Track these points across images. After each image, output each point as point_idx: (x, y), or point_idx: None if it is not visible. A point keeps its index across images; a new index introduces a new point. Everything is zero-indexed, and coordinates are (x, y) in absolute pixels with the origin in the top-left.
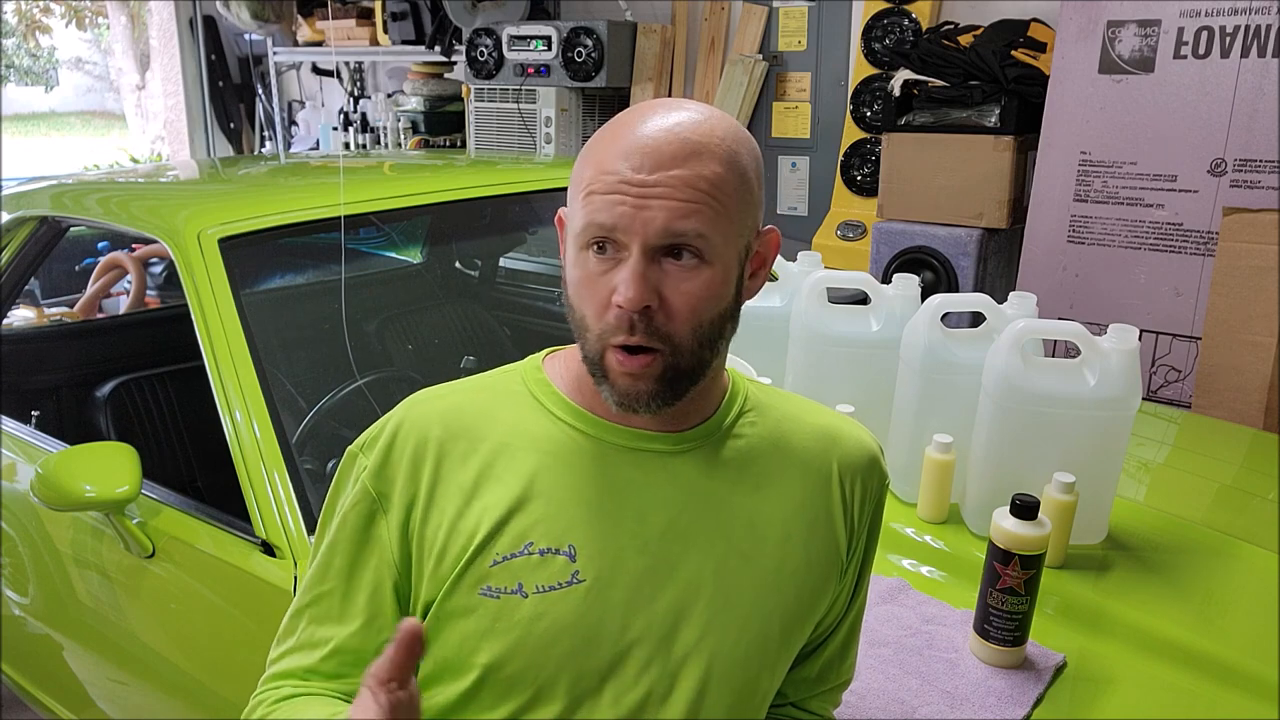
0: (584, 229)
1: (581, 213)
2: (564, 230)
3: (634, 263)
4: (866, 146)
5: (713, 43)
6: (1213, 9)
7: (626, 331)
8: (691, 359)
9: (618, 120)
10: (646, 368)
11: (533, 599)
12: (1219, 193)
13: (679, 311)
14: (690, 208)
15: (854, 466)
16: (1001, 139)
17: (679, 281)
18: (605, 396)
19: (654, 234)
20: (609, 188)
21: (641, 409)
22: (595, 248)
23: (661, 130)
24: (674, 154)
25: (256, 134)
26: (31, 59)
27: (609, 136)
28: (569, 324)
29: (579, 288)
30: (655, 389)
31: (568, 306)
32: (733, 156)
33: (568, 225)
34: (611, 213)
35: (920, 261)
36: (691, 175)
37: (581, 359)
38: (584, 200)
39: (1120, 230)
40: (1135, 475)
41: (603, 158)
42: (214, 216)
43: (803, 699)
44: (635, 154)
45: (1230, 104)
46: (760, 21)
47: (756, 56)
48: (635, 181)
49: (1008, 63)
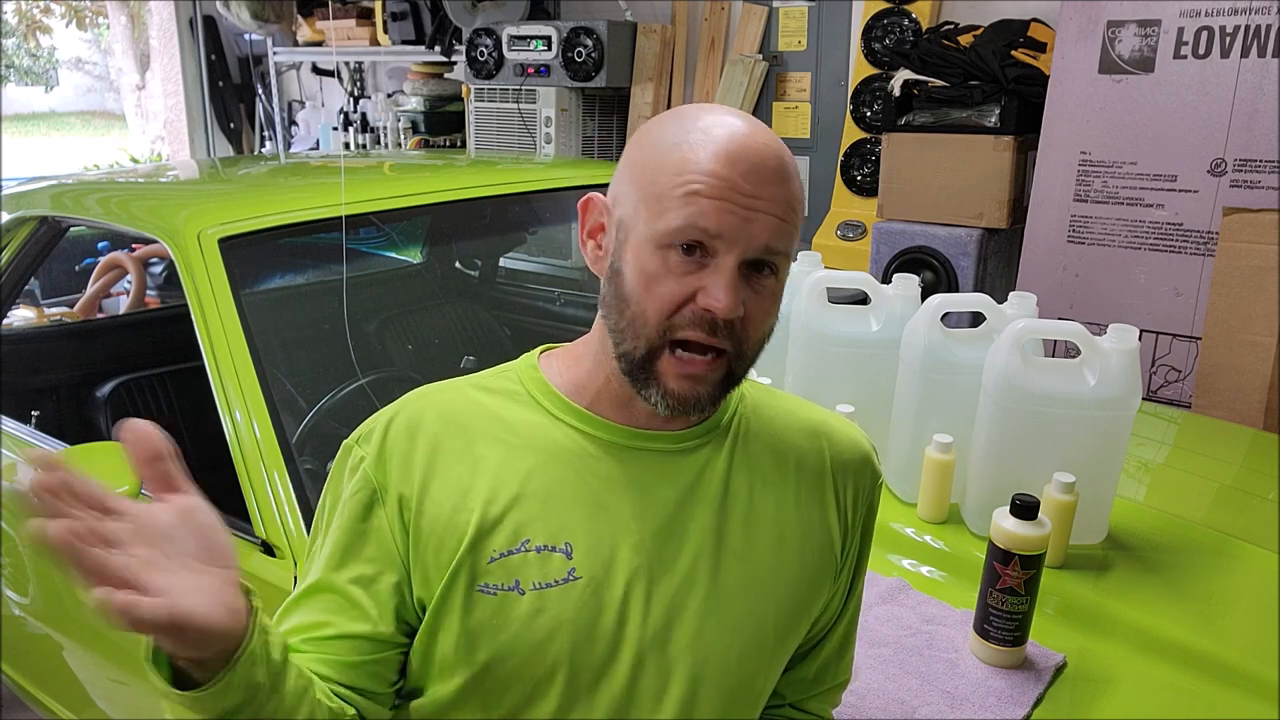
0: (680, 228)
1: (675, 210)
2: (590, 213)
3: (731, 271)
4: (866, 146)
5: (713, 43)
6: (1213, 9)
7: (705, 330)
8: (746, 367)
9: (689, 121)
10: (710, 370)
11: (530, 596)
12: (1219, 193)
13: (753, 322)
14: (786, 228)
15: (847, 465)
16: (1001, 139)
17: (757, 294)
18: (652, 400)
19: (755, 248)
20: (718, 193)
21: (693, 413)
22: (681, 248)
23: (757, 143)
24: (775, 171)
25: (256, 134)
26: (31, 59)
27: (696, 138)
28: (609, 317)
29: (650, 282)
30: (712, 393)
31: (619, 299)
32: (799, 177)
33: (629, 219)
34: (720, 219)
35: (920, 261)
36: (789, 195)
37: (617, 355)
38: (683, 198)
39: (1120, 230)
40: (1135, 475)
41: (697, 157)
42: (214, 216)
43: (801, 699)
44: (741, 163)
45: (1230, 104)
46: (760, 21)
47: (756, 56)
48: (745, 191)
49: (1008, 63)
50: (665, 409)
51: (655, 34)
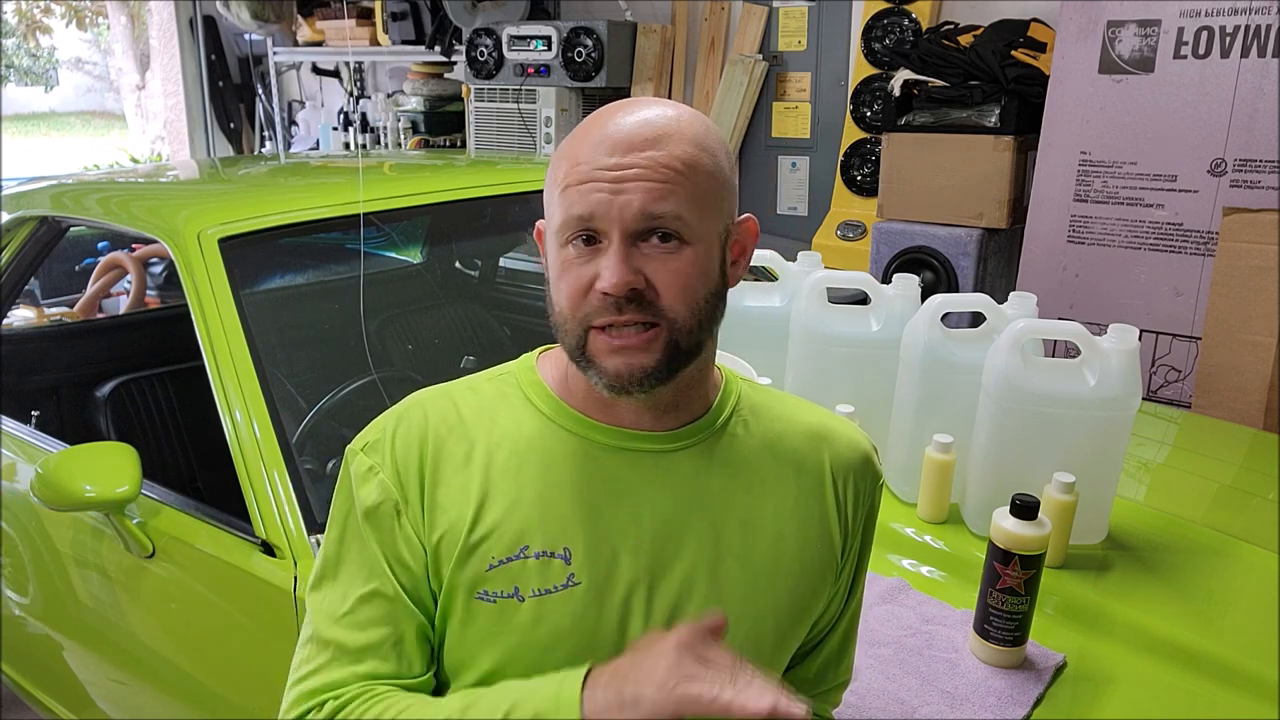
0: (562, 225)
1: (558, 210)
2: (543, 240)
3: (615, 247)
4: (866, 146)
5: (713, 43)
6: (1213, 9)
7: (614, 312)
8: (689, 336)
9: (587, 119)
10: (648, 342)
11: (530, 603)
12: (1219, 193)
13: (669, 289)
14: (666, 189)
15: (847, 466)
16: (1001, 139)
17: (663, 263)
18: (595, 383)
19: (632, 218)
20: (582, 178)
21: (635, 389)
22: (577, 241)
23: (631, 120)
24: (645, 138)
25: (256, 134)
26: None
27: (579, 135)
28: (551, 326)
29: (558, 279)
30: (657, 364)
31: (549, 306)
32: (701, 140)
33: (547, 226)
34: (587, 201)
35: (920, 261)
36: (664, 156)
37: (566, 353)
38: (560, 196)
39: (1120, 230)
40: (1135, 475)
41: (575, 152)
42: (214, 216)
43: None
44: (605, 143)
45: (1230, 104)
46: (760, 21)
47: (756, 56)
48: (608, 166)
49: (1008, 63)
50: (605, 387)
51: (655, 34)
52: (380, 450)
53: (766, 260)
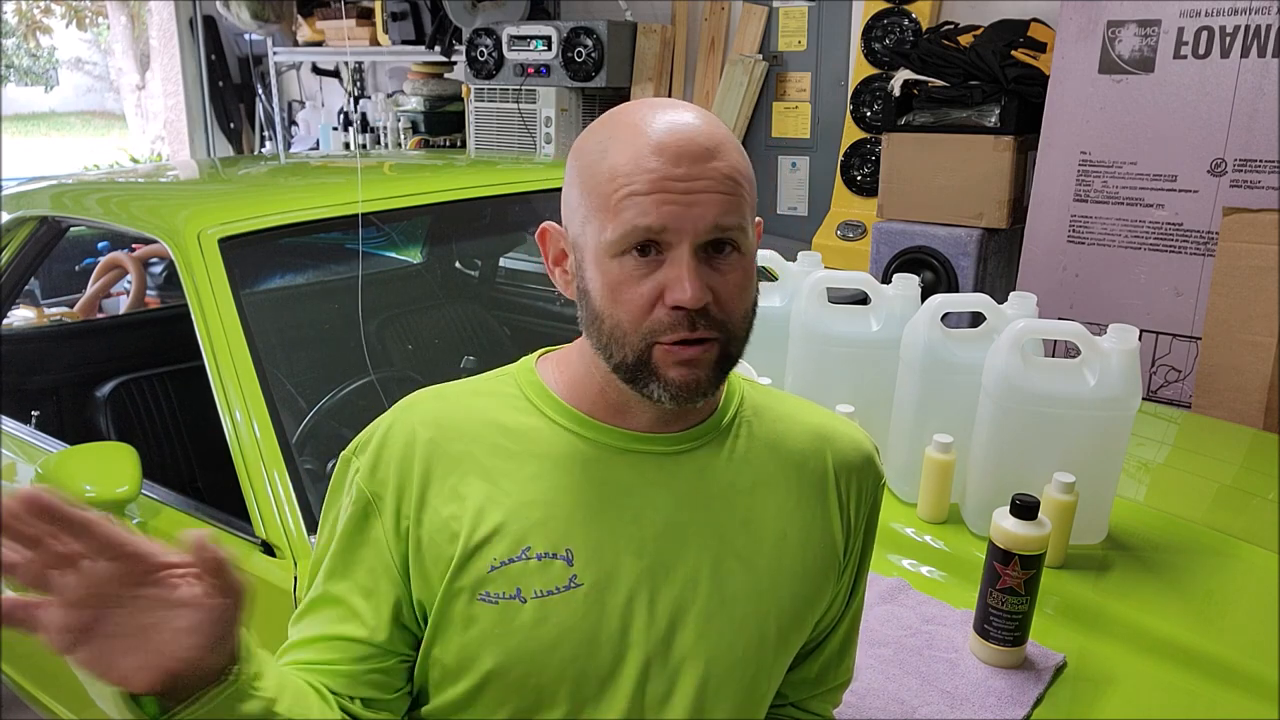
0: (625, 235)
1: (615, 219)
2: (549, 242)
3: (689, 261)
4: (866, 146)
5: (713, 43)
6: (1213, 9)
7: (687, 329)
8: (740, 347)
9: (617, 124)
10: (705, 353)
11: (532, 604)
12: (1219, 193)
13: (730, 302)
14: (732, 201)
15: (849, 466)
16: (1001, 139)
17: (725, 275)
18: (656, 396)
19: (704, 230)
20: (650, 187)
21: (698, 398)
22: (635, 251)
23: (680, 126)
24: (705, 148)
25: (256, 134)
26: (31, 59)
27: (623, 138)
28: (590, 335)
29: (614, 293)
30: (711, 376)
31: (593, 317)
32: (741, 148)
33: (580, 237)
34: (659, 213)
35: (920, 261)
36: (726, 167)
37: (610, 368)
38: (618, 205)
39: (1120, 230)
40: (1135, 475)
41: (623, 159)
42: (214, 216)
43: (802, 699)
44: (667, 151)
45: (1230, 104)
46: (760, 21)
47: (756, 56)
48: (677, 176)
49: (1008, 63)
50: (670, 400)
51: (655, 34)
52: (364, 453)
53: (766, 260)
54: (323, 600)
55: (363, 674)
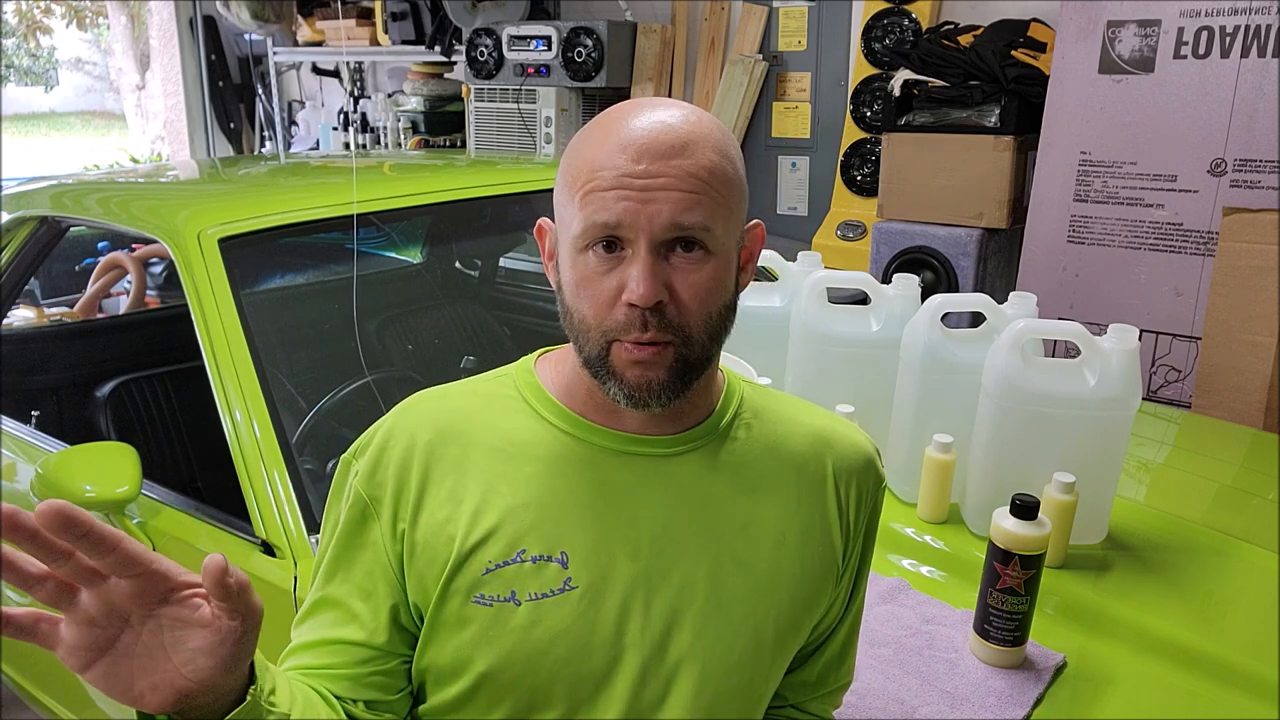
0: (585, 230)
1: (580, 214)
2: (545, 238)
3: (643, 259)
4: (866, 146)
5: (713, 43)
6: (1213, 9)
7: (639, 329)
8: (701, 350)
9: (601, 120)
10: (658, 354)
11: (526, 607)
12: (1219, 193)
13: (688, 304)
14: (694, 199)
15: (849, 469)
16: (1001, 139)
17: (686, 274)
18: (613, 394)
19: (660, 228)
20: (609, 184)
21: (653, 401)
22: (597, 248)
23: (654, 124)
24: (672, 145)
25: (256, 134)
26: (31, 59)
27: (597, 135)
28: (565, 329)
29: (579, 288)
30: (666, 379)
31: (564, 311)
32: (723, 147)
33: (559, 231)
34: (615, 209)
35: (920, 261)
36: (692, 165)
37: (581, 363)
38: (582, 200)
39: (1120, 230)
40: (1135, 475)
41: (595, 155)
42: (214, 216)
43: (803, 701)
44: (631, 148)
45: (1230, 104)
46: (760, 21)
47: (756, 56)
48: (636, 174)
49: (1008, 63)
50: (626, 400)
51: (655, 34)
52: (363, 456)
53: (766, 260)
54: (322, 603)
55: (364, 677)
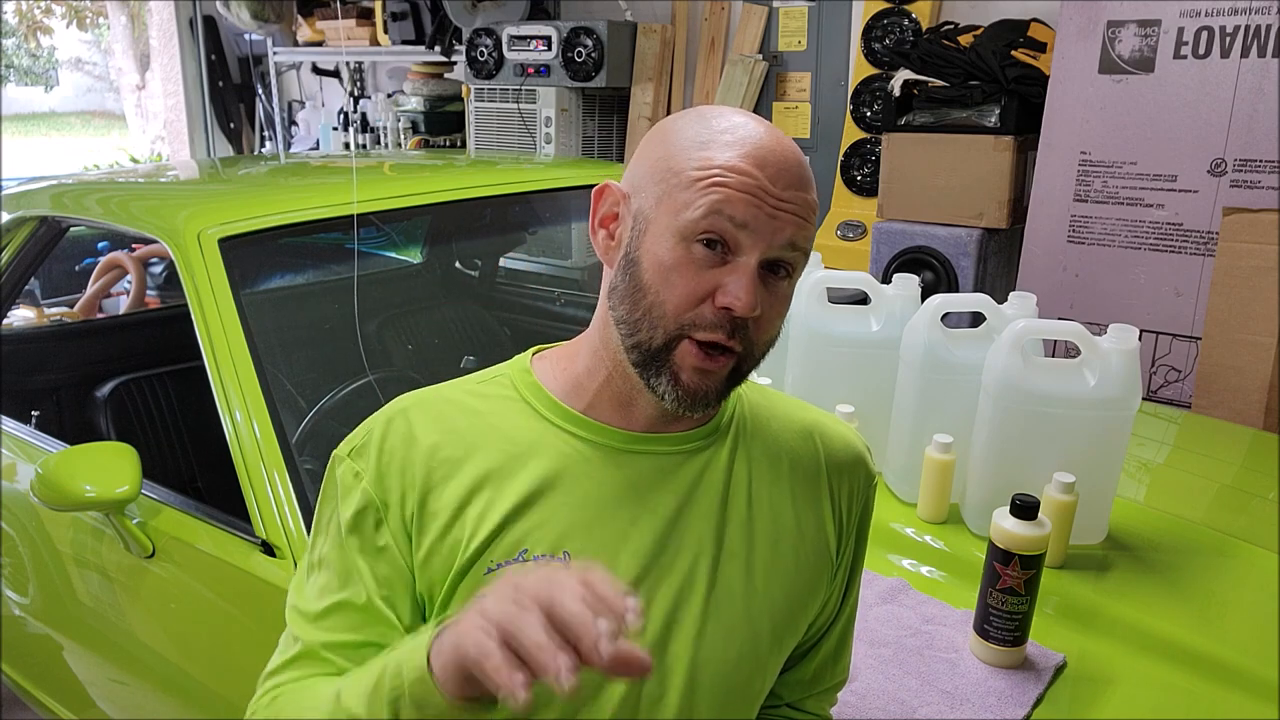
0: (707, 217)
1: (703, 201)
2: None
3: (752, 269)
4: (866, 146)
5: (713, 43)
6: (1213, 9)
7: (725, 332)
8: (754, 365)
9: (726, 124)
10: (722, 368)
11: None
12: (1219, 193)
13: (767, 323)
14: (807, 230)
15: (841, 465)
16: (1001, 139)
17: (771, 295)
18: (660, 391)
19: (778, 246)
20: (745, 187)
21: (699, 408)
22: (706, 242)
23: (781, 147)
24: (799, 177)
25: (256, 134)
26: (31, 59)
27: (727, 140)
28: (617, 308)
29: (670, 273)
30: (720, 389)
31: (635, 289)
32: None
33: (653, 208)
34: (747, 211)
35: (920, 261)
36: (811, 200)
37: (624, 350)
38: (706, 189)
39: (1120, 230)
40: (1135, 475)
41: (721, 155)
42: (214, 216)
43: (799, 699)
44: (769, 166)
45: (1230, 104)
46: (760, 21)
47: (756, 56)
48: (772, 192)
49: (1008, 63)
50: (674, 401)
51: (655, 34)
52: (365, 456)
53: None
54: (349, 606)
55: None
